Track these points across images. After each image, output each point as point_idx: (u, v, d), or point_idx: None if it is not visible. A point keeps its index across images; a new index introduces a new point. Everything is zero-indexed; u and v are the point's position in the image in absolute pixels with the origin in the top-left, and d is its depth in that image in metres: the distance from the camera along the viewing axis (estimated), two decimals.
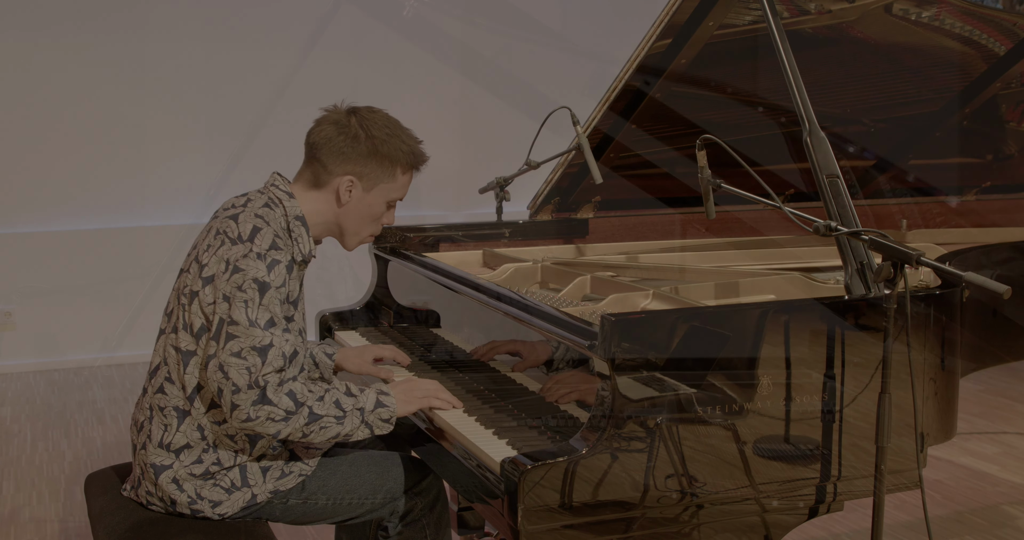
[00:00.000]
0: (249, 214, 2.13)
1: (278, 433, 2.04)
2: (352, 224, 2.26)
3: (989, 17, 3.09)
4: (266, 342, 2.02)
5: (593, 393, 1.97)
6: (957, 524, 3.54)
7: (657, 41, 2.75)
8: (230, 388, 2.00)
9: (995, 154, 3.75)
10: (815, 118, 2.37)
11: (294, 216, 2.19)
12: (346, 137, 2.18)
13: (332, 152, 2.18)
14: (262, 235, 2.09)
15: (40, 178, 5.63)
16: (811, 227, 2.04)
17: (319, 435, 2.07)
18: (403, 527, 2.34)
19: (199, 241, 2.18)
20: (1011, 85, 3.41)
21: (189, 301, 2.11)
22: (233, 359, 2.00)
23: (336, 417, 2.08)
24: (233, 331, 2.01)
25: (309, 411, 2.04)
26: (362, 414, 2.11)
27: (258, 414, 2.01)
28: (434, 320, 2.73)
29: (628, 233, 3.31)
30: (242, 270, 2.04)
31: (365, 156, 2.18)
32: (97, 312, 5.73)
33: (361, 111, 2.22)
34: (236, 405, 2.00)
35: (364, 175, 2.20)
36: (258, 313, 2.03)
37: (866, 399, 2.09)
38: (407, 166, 2.24)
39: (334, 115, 2.22)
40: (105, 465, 3.76)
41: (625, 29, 6.28)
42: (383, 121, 2.22)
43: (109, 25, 5.59)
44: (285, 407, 2.02)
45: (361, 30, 6.12)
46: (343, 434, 2.10)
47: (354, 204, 2.23)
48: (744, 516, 2.04)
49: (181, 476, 2.14)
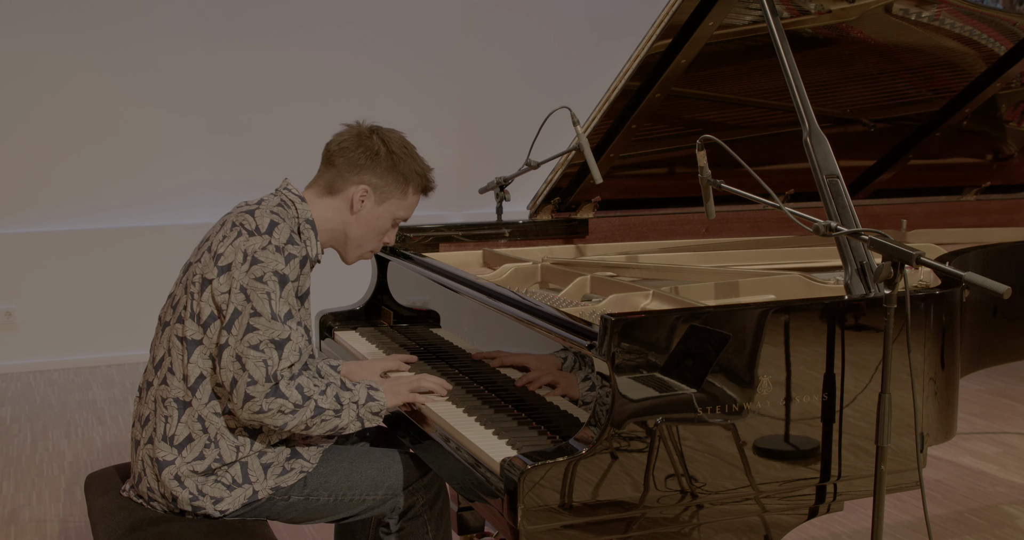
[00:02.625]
0: (265, 210, 2.19)
1: (284, 425, 2.11)
2: (359, 235, 2.32)
3: (989, 17, 3.09)
4: (284, 336, 2.09)
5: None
6: (957, 524, 3.54)
7: (657, 41, 2.75)
8: (245, 379, 2.06)
9: (995, 154, 3.75)
10: (815, 118, 2.38)
11: (305, 219, 2.24)
12: (367, 149, 2.27)
13: (351, 161, 2.26)
14: (279, 229, 2.15)
15: (41, 178, 5.63)
16: (811, 227, 2.04)
17: (319, 428, 2.15)
18: (404, 523, 2.35)
19: (211, 234, 2.21)
20: (1011, 85, 3.41)
21: (200, 289, 2.14)
22: (251, 351, 2.06)
23: (335, 411, 2.15)
24: (255, 323, 2.07)
25: (315, 405, 2.12)
26: (356, 408, 2.19)
27: (270, 406, 2.07)
28: (434, 320, 2.73)
29: (628, 233, 3.31)
30: (261, 262, 2.10)
31: (383, 169, 2.27)
32: (97, 312, 5.73)
33: (382, 130, 2.33)
34: (250, 397, 2.07)
35: (379, 187, 2.28)
36: (279, 306, 2.09)
37: (866, 399, 2.09)
38: (418, 187, 2.33)
39: (356, 129, 2.31)
40: (105, 465, 3.77)
41: (625, 29, 6.28)
42: (402, 142, 2.32)
43: (110, 27, 5.59)
44: (294, 400, 2.09)
45: (361, 30, 6.12)
46: (339, 427, 2.18)
47: (365, 214, 2.29)
48: (744, 516, 2.04)
49: (183, 473, 2.15)
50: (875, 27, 2.98)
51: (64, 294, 5.69)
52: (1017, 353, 2.88)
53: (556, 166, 3.12)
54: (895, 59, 3.16)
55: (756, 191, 2.26)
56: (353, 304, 3.08)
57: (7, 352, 5.62)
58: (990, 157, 3.75)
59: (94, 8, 5.55)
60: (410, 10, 6.23)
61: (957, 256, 2.74)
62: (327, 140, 2.33)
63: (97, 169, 5.71)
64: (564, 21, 6.63)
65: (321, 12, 6.02)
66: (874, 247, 1.95)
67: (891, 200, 3.68)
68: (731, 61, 2.97)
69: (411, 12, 6.23)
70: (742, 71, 3.03)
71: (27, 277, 5.62)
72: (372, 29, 6.15)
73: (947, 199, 3.81)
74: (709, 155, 2.37)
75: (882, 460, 1.92)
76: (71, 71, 5.58)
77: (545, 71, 6.56)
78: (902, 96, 3.35)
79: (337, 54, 6.07)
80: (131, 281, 5.73)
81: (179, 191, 5.89)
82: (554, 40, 6.62)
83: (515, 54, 6.55)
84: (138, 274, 5.72)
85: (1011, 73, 3.33)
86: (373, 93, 6.15)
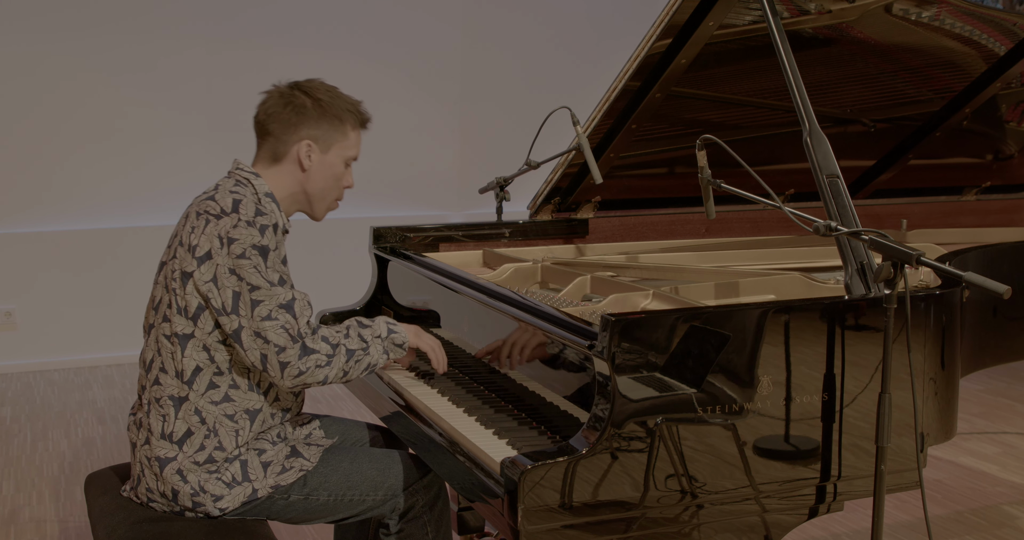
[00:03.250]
0: (224, 191, 2.21)
1: (326, 379, 2.16)
2: (318, 188, 2.32)
3: (989, 17, 3.09)
4: (288, 298, 2.14)
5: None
6: (957, 524, 3.54)
7: (657, 41, 2.75)
8: (274, 350, 2.10)
9: (995, 154, 3.75)
10: (815, 118, 2.38)
11: (264, 193, 2.25)
12: (294, 106, 2.27)
13: (284, 122, 2.27)
14: (244, 205, 2.17)
15: (41, 179, 5.63)
16: (811, 227, 2.04)
17: (356, 370, 2.22)
18: (403, 524, 2.35)
19: (179, 229, 2.23)
20: (1011, 85, 3.41)
21: (182, 284, 2.15)
22: (266, 322, 2.10)
23: (363, 349, 2.23)
24: (257, 296, 2.10)
25: (345, 349, 2.19)
26: (381, 341, 2.27)
27: (307, 365, 2.13)
28: (434, 320, 2.73)
29: (628, 233, 3.31)
30: (237, 240, 2.11)
31: (316, 119, 2.27)
32: (97, 312, 5.73)
33: (301, 83, 2.33)
34: (286, 363, 2.11)
35: (319, 137, 2.28)
36: (271, 274, 2.12)
37: (866, 399, 2.09)
38: (355, 123, 2.33)
39: (276, 91, 2.32)
40: (105, 465, 3.77)
41: (625, 29, 6.28)
42: (323, 86, 2.33)
43: (110, 27, 5.58)
44: (326, 352, 2.16)
45: (361, 30, 6.12)
46: (372, 364, 2.25)
47: (316, 167, 2.30)
48: (744, 516, 2.04)
49: (186, 467, 2.16)
50: (875, 27, 2.98)
51: (64, 294, 5.69)
52: (1017, 353, 2.88)
53: (556, 166, 3.12)
54: (895, 59, 3.16)
55: (756, 191, 2.26)
56: (353, 304, 3.08)
57: (7, 352, 5.62)
58: (990, 157, 3.75)
59: (94, 8, 5.55)
60: (410, 10, 6.22)
61: (957, 256, 2.74)
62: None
63: (97, 169, 5.71)
64: (564, 21, 6.63)
65: (321, 12, 6.02)
66: (874, 247, 1.95)
67: (891, 200, 3.68)
68: (731, 61, 2.97)
69: (411, 12, 6.23)
70: (742, 71, 3.03)
71: (27, 277, 5.62)
72: (372, 29, 6.15)
73: (947, 199, 3.81)
74: (709, 155, 2.37)
75: (882, 460, 1.92)
76: (71, 71, 5.57)
77: (545, 71, 6.56)
78: (902, 96, 3.35)
79: (337, 54, 6.06)
80: (131, 281, 5.72)
81: (179, 191, 5.87)
82: (554, 40, 6.62)
83: (515, 54, 6.55)
84: (138, 274, 5.71)
85: (1011, 73, 3.33)
86: (373, 93, 6.12)
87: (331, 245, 6.01)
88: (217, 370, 2.17)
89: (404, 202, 6.36)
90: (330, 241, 6.00)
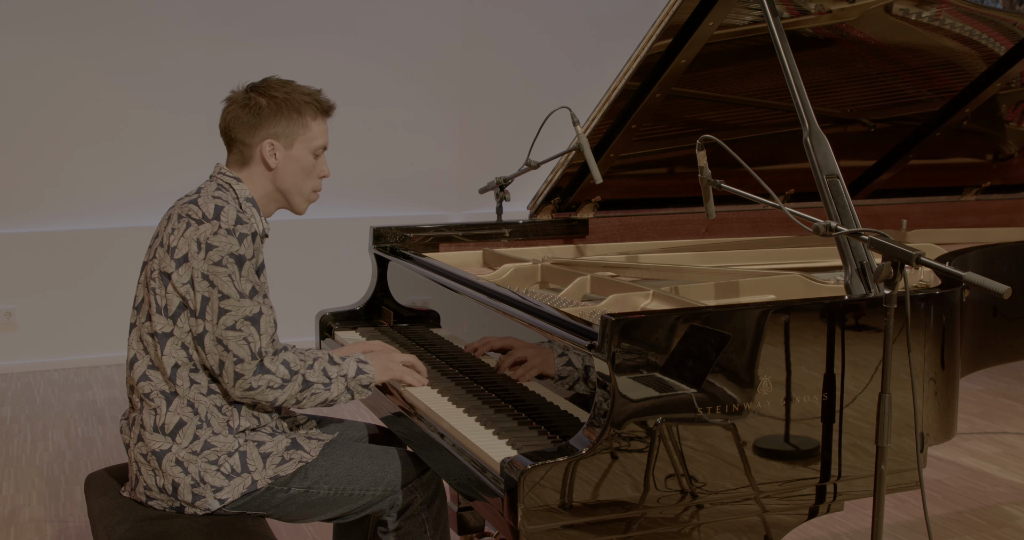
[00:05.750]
0: (207, 197, 2.24)
1: (275, 400, 2.18)
2: (289, 183, 2.33)
3: (989, 17, 3.09)
4: (256, 311, 2.16)
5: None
6: (957, 524, 3.54)
7: (657, 41, 2.75)
8: (232, 359, 2.14)
9: (995, 154, 3.75)
10: (815, 118, 2.37)
11: (245, 198, 2.28)
12: (250, 109, 2.29)
13: (244, 126, 2.29)
14: (226, 212, 2.19)
15: (42, 179, 5.63)
16: (811, 227, 2.04)
17: (309, 401, 2.23)
18: (402, 522, 2.36)
19: (160, 230, 2.26)
20: (1011, 85, 3.41)
21: (162, 284, 2.19)
22: (230, 332, 2.13)
23: (324, 384, 2.23)
24: (225, 305, 2.14)
25: (303, 379, 2.21)
26: (345, 380, 2.27)
27: (259, 383, 2.15)
28: (434, 320, 2.73)
29: (628, 233, 3.31)
30: (216, 247, 2.14)
31: (274, 117, 2.29)
32: (97, 312, 5.73)
33: (257, 84, 2.35)
34: (240, 375, 2.14)
35: (280, 134, 2.29)
36: (243, 284, 2.15)
37: (866, 399, 2.09)
38: (315, 112, 2.33)
39: (233, 98, 2.35)
40: (105, 465, 3.77)
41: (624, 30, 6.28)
42: (278, 83, 2.35)
43: (111, 28, 5.58)
44: (282, 375, 2.18)
45: (361, 31, 6.12)
46: (329, 400, 2.25)
47: (283, 163, 2.30)
48: (744, 516, 2.04)
49: (183, 457, 2.19)
50: (875, 27, 2.98)
51: (64, 294, 5.69)
52: (1017, 353, 2.88)
53: (556, 166, 3.12)
54: (895, 59, 3.16)
55: (756, 191, 2.26)
56: (353, 304, 3.08)
57: (7, 352, 5.62)
58: (990, 157, 3.75)
59: (95, 10, 5.55)
60: (410, 10, 6.22)
61: (957, 256, 2.74)
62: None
63: (98, 170, 5.71)
64: (564, 21, 6.63)
65: (321, 13, 6.02)
66: (874, 247, 1.95)
67: (891, 200, 3.68)
68: (731, 61, 2.97)
69: (411, 12, 6.22)
70: (742, 71, 3.03)
71: (27, 277, 5.62)
72: (372, 30, 6.15)
73: (947, 199, 3.80)
74: (709, 155, 2.37)
75: (882, 460, 1.92)
76: (72, 73, 5.57)
77: (545, 71, 6.56)
78: (902, 96, 3.35)
79: (337, 55, 6.06)
80: (131, 281, 5.67)
81: (180, 191, 5.79)
82: (554, 40, 6.62)
83: (515, 55, 6.54)
84: (138, 275, 5.72)
85: (1011, 73, 3.33)
86: (373, 93, 6.14)
87: (331, 245, 6.01)
88: (194, 367, 2.21)
89: (404, 202, 6.36)
90: (330, 241, 6.00)
